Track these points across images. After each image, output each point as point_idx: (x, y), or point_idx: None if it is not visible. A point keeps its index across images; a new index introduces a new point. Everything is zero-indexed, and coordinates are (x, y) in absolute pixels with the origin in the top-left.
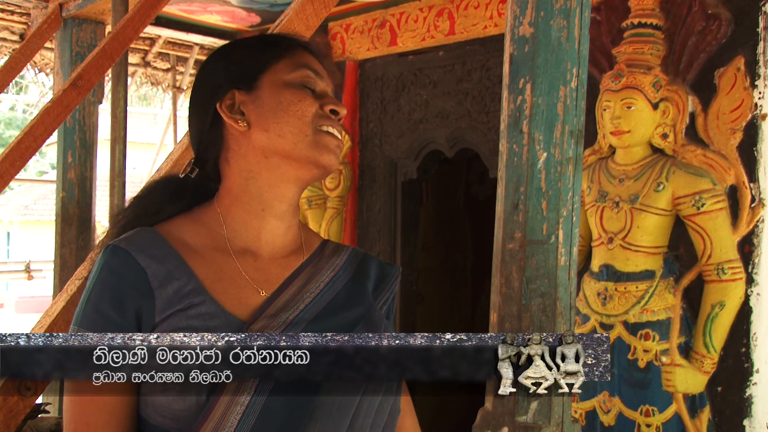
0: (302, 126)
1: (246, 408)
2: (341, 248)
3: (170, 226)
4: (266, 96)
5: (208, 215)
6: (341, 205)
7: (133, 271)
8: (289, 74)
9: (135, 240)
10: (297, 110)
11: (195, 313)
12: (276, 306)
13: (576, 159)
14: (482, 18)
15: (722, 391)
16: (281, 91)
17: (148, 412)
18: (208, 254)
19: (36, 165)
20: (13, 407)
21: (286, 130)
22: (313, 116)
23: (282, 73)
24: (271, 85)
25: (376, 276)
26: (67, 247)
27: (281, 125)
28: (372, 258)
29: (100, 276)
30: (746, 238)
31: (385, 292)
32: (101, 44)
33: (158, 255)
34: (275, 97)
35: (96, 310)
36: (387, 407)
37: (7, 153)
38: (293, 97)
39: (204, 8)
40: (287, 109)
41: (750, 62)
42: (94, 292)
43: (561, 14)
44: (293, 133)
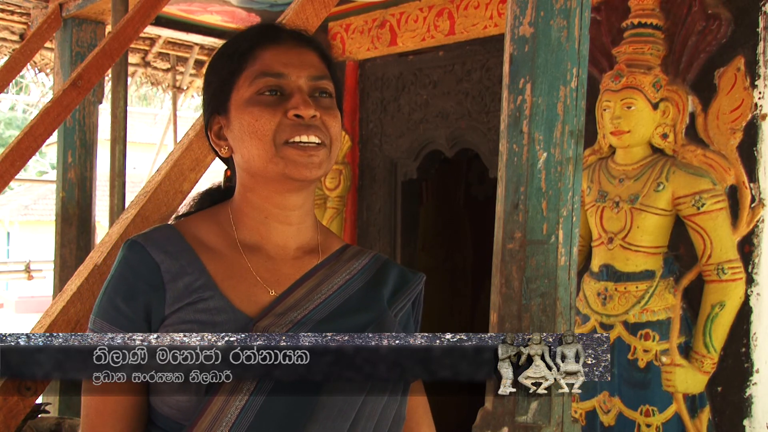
0: (264, 146)
1: (245, 403)
2: (362, 253)
3: (188, 224)
4: (234, 120)
5: (221, 215)
6: (341, 205)
7: (147, 265)
8: (247, 90)
9: (152, 236)
10: (256, 131)
11: (203, 307)
12: (285, 305)
13: (576, 159)
14: (482, 18)
15: (722, 391)
16: (242, 113)
17: (156, 402)
18: (222, 252)
19: (36, 165)
20: (13, 407)
21: (253, 154)
22: (275, 132)
23: (242, 90)
24: (236, 107)
25: (395, 282)
26: (67, 247)
27: (248, 149)
28: (394, 265)
29: (118, 269)
30: (746, 238)
31: (402, 299)
32: (101, 44)
33: (173, 251)
34: (238, 120)
35: (110, 302)
36: (390, 414)
37: (7, 153)
38: (251, 118)
39: (204, 8)
40: (248, 132)
41: (750, 62)
42: (111, 285)
43: (561, 14)
44: (259, 155)
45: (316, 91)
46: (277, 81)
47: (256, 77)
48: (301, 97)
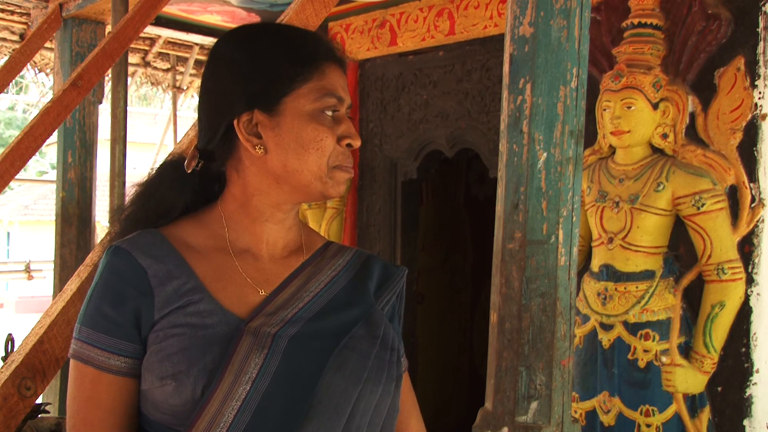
0: (320, 164)
1: (242, 404)
2: (345, 250)
3: (173, 228)
4: (287, 125)
5: (211, 217)
6: (341, 205)
7: (133, 270)
8: (313, 103)
9: (137, 241)
10: (317, 148)
11: (193, 310)
12: (275, 304)
13: (576, 159)
14: (482, 18)
15: (722, 391)
16: (303, 125)
17: (148, 409)
18: (210, 254)
19: (36, 165)
20: (13, 407)
21: (303, 168)
22: (331, 153)
23: (306, 99)
24: (293, 113)
25: (379, 277)
26: (67, 247)
27: (300, 162)
28: (377, 259)
29: (103, 276)
30: (746, 238)
31: (387, 293)
32: (101, 44)
33: (159, 255)
34: (297, 130)
35: (97, 309)
36: (384, 407)
37: (7, 153)
38: (315, 134)
39: (204, 8)
40: (308, 147)
41: (750, 62)
42: (96, 292)
43: (561, 14)
44: (310, 170)
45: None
46: (337, 104)
47: (325, 95)
48: (351, 126)
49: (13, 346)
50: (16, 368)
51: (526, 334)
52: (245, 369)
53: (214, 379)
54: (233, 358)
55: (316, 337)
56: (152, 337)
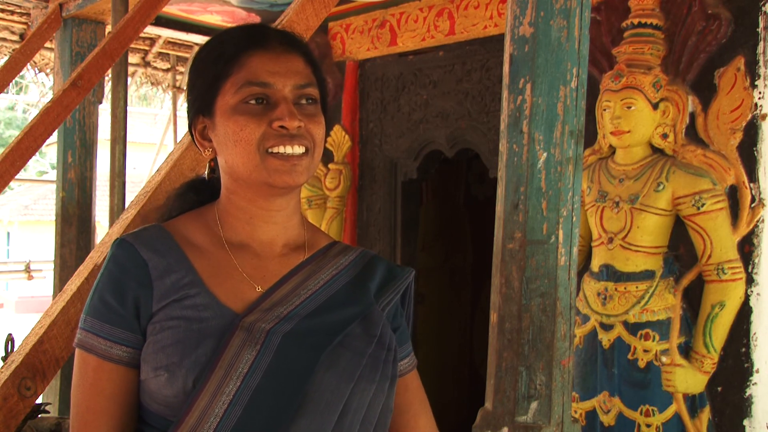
0: (249, 153)
1: (232, 398)
2: (349, 249)
3: (177, 223)
4: (220, 124)
5: (208, 215)
6: (341, 205)
7: (135, 263)
8: (233, 97)
9: (141, 235)
10: (242, 138)
11: (189, 303)
12: (271, 301)
13: (576, 159)
14: (482, 18)
15: (722, 391)
16: (228, 119)
17: (146, 399)
18: (209, 250)
19: (36, 165)
20: (13, 407)
21: (237, 160)
22: (259, 140)
23: (228, 95)
24: (221, 111)
25: (382, 277)
26: (67, 247)
27: (233, 155)
28: (381, 260)
29: (108, 267)
30: (746, 238)
31: (389, 293)
32: (101, 44)
33: (161, 249)
34: (224, 126)
35: (100, 299)
36: (378, 406)
37: (7, 153)
38: (236, 126)
39: (204, 8)
40: (234, 139)
41: (750, 62)
42: (101, 283)
43: (561, 14)
44: (243, 162)
45: (302, 98)
46: (262, 90)
47: (243, 85)
48: (287, 107)
49: (13, 346)
50: (16, 368)
51: (526, 334)
52: (236, 364)
53: (204, 372)
54: (225, 352)
55: (311, 334)
56: (150, 329)
